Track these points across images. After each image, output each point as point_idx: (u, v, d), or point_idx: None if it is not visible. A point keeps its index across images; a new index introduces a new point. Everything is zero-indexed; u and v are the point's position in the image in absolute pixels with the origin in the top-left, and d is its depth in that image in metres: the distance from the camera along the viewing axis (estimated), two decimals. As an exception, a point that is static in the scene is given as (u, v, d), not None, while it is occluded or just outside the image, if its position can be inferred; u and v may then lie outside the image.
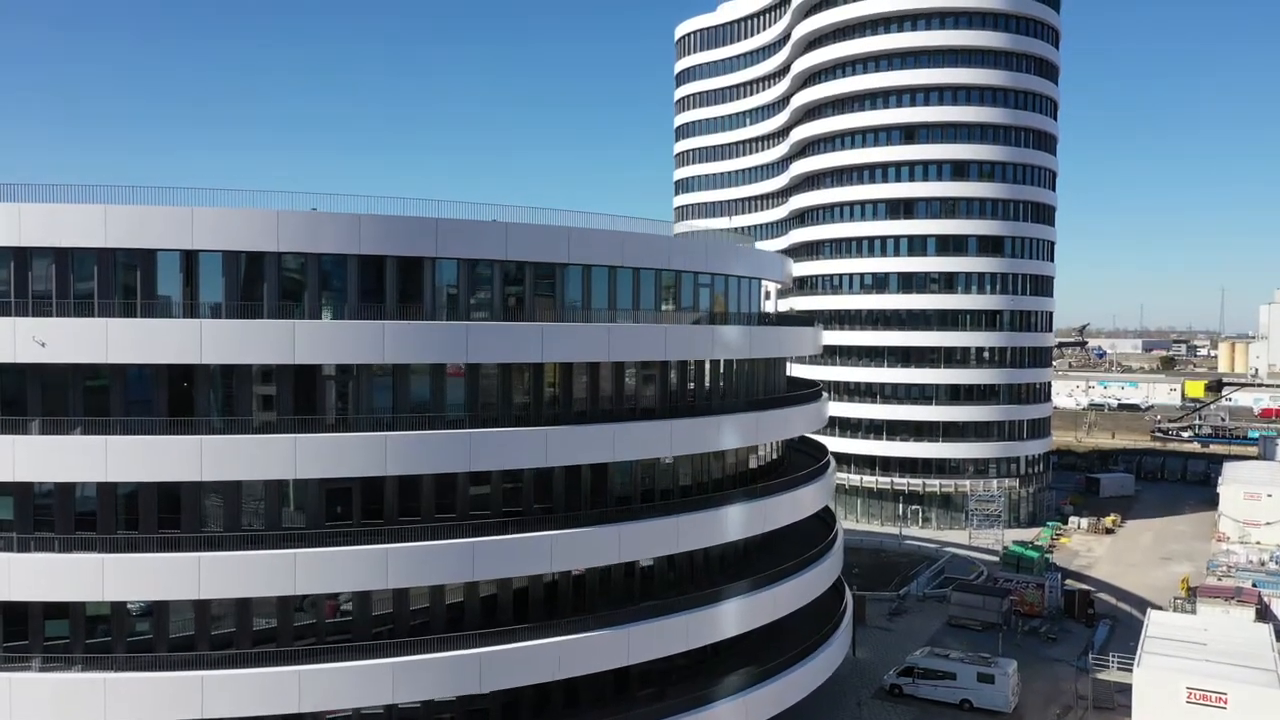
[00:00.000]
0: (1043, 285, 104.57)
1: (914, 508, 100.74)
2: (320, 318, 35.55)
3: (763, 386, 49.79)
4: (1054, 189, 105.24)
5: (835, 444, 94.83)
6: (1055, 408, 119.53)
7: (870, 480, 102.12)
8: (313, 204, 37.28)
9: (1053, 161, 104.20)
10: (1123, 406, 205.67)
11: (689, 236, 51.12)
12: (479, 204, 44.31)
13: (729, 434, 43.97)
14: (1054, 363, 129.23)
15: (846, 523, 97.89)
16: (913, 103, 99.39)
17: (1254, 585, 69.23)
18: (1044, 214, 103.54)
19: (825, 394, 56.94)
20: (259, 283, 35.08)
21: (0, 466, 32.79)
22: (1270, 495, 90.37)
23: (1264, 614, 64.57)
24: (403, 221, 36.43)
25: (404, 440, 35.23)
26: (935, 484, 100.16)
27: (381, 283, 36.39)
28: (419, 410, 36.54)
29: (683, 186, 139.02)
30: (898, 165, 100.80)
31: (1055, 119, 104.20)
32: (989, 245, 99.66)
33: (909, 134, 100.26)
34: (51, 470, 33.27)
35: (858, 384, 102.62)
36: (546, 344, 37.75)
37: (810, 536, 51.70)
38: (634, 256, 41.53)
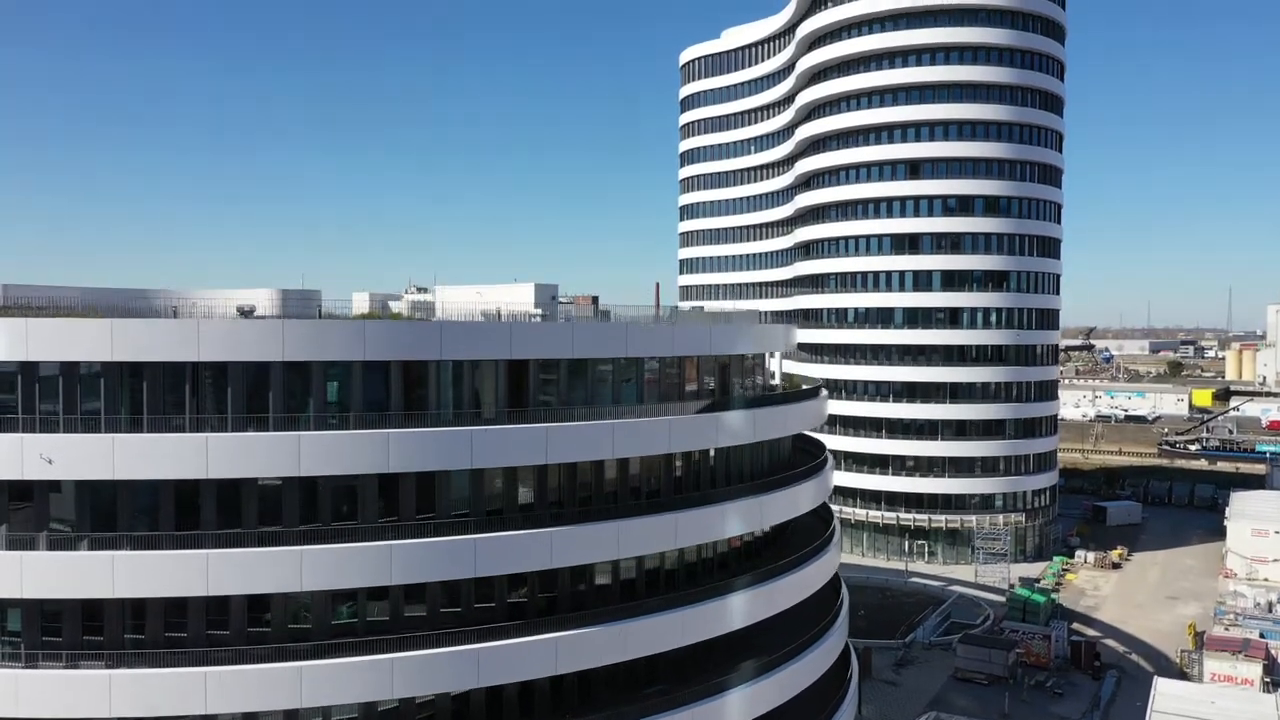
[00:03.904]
0: (1048, 319, 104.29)
1: (920, 543, 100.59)
2: (325, 426, 35.62)
3: (768, 458, 49.75)
4: (1059, 221, 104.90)
5: (840, 478, 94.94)
6: (1061, 419, 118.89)
7: (876, 515, 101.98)
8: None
9: (1057, 194, 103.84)
10: (1129, 418, 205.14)
11: (692, 323, 50.94)
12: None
13: (734, 521, 44.07)
14: (1060, 368, 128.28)
15: (852, 557, 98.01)
16: (917, 137, 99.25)
17: (1261, 636, 69.11)
18: (1048, 247, 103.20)
19: (830, 461, 56.76)
20: (264, 391, 35.25)
21: (8, 583, 33.07)
22: (1279, 532, 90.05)
23: (1271, 668, 64.60)
24: (407, 326, 36.72)
25: (408, 549, 35.33)
26: (941, 519, 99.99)
27: (387, 386, 36.53)
28: (423, 512, 36.65)
29: (687, 212, 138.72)
30: (902, 200, 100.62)
31: (1060, 151, 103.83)
32: (994, 280, 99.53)
33: (913, 168, 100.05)
34: (58, 587, 33.44)
35: (863, 418, 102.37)
36: (551, 445, 37.80)
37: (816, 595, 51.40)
38: (638, 347, 41.60)
